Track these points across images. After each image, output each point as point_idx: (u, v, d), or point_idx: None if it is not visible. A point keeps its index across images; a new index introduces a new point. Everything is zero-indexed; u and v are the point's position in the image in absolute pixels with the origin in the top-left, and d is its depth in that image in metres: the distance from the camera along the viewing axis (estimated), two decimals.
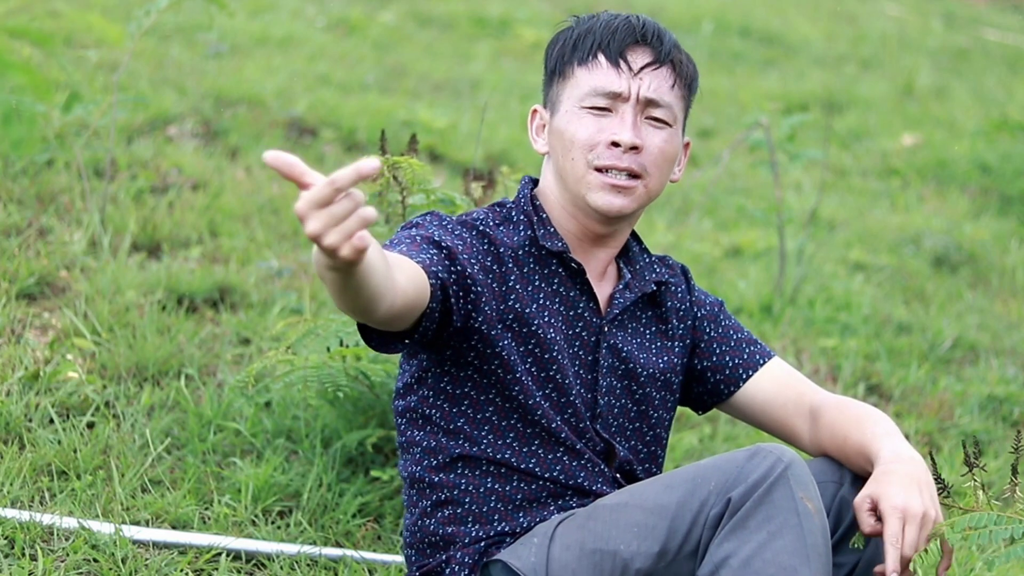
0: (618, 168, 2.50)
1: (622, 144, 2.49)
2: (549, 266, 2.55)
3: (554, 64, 2.58)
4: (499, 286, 2.49)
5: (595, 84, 2.51)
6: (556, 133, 2.55)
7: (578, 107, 2.52)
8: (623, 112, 2.50)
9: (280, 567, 2.91)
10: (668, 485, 2.38)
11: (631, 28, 2.53)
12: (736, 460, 2.34)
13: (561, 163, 2.54)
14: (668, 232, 5.75)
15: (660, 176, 2.54)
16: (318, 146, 5.90)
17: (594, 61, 2.52)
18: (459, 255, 2.42)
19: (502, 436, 2.51)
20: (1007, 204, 6.89)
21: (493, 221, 2.55)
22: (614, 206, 2.51)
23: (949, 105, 8.69)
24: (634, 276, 2.63)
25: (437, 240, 2.42)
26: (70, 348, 3.61)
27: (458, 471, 2.52)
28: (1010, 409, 4.45)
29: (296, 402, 3.43)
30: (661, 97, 2.52)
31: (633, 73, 2.51)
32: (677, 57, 2.55)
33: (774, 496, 2.29)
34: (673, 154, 2.56)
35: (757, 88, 8.49)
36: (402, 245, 2.40)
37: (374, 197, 3.17)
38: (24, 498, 2.99)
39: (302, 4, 8.50)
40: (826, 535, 2.32)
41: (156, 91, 5.87)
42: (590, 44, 2.53)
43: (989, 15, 12.15)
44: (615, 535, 2.38)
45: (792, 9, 11.18)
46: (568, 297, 2.55)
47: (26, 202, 4.44)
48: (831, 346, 4.70)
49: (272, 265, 4.41)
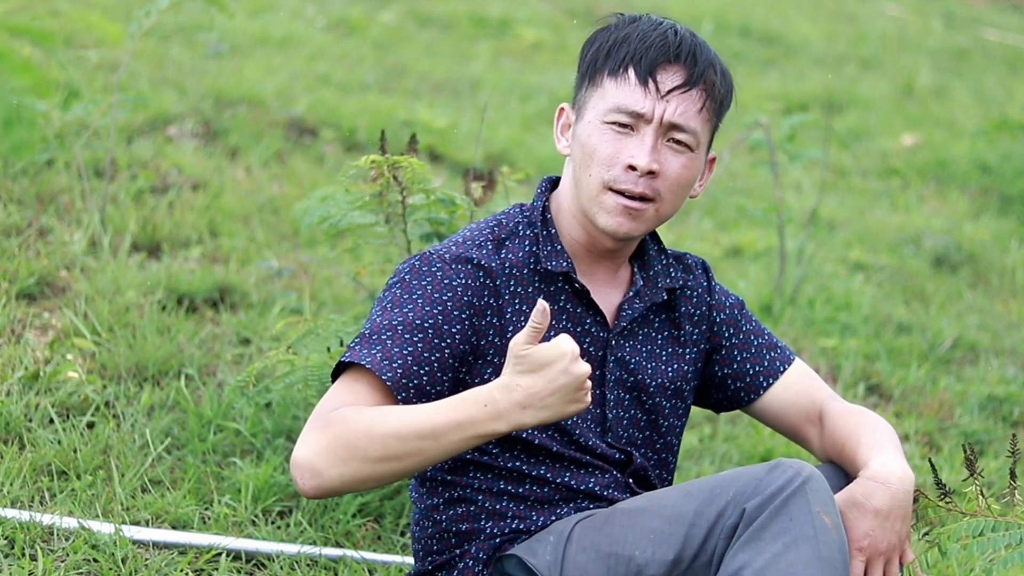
0: (632, 193, 2.46)
1: (638, 168, 2.45)
2: (555, 283, 2.52)
3: (587, 67, 2.52)
4: (497, 320, 2.46)
5: (620, 101, 2.46)
6: (578, 141, 2.51)
7: (601, 121, 2.47)
8: (644, 134, 2.46)
9: (280, 567, 2.91)
10: (687, 493, 2.37)
11: (666, 45, 2.46)
12: (756, 473, 2.33)
13: (579, 174, 2.50)
14: (668, 232, 5.75)
15: (674, 200, 2.50)
16: (318, 146, 5.90)
17: (623, 75, 2.46)
18: (451, 347, 2.39)
19: (509, 449, 2.50)
20: (1007, 204, 6.89)
21: (495, 242, 2.51)
22: (622, 229, 2.48)
23: (949, 105, 8.69)
24: (646, 283, 2.60)
25: (430, 350, 2.38)
26: (70, 348, 3.61)
27: (470, 473, 2.51)
28: (1010, 409, 4.45)
29: (296, 402, 3.43)
30: (687, 122, 2.46)
31: (660, 95, 2.45)
32: (711, 78, 2.48)
33: (790, 508, 2.28)
34: (691, 179, 2.51)
35: (757, 88, 8.49)
36: (397, 362, 2.36)
37: (374, 197, 3.17)
38: (24, 498, 2.99)
39: (302, 4, 8.51)
40: (844, 550, 2.30)
41: (156, 91, 5.87)
42: (623, 56, 2.46)
43: (989, 15, 12.15)
44: (631, 540, 2.37)
45: (792, 9, 11.18)
46: (575, 314, 2.53)
47: (26, 202, 4.44)
48: (831, 346, 4.70)
49: (272, 265, 4.41)
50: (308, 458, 2.25)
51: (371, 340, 2.38)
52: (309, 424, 2.29)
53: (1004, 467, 3.98)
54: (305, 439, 2.27)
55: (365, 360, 2.35)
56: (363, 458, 2.25)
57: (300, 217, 3.35)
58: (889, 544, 2.40)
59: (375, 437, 2.25)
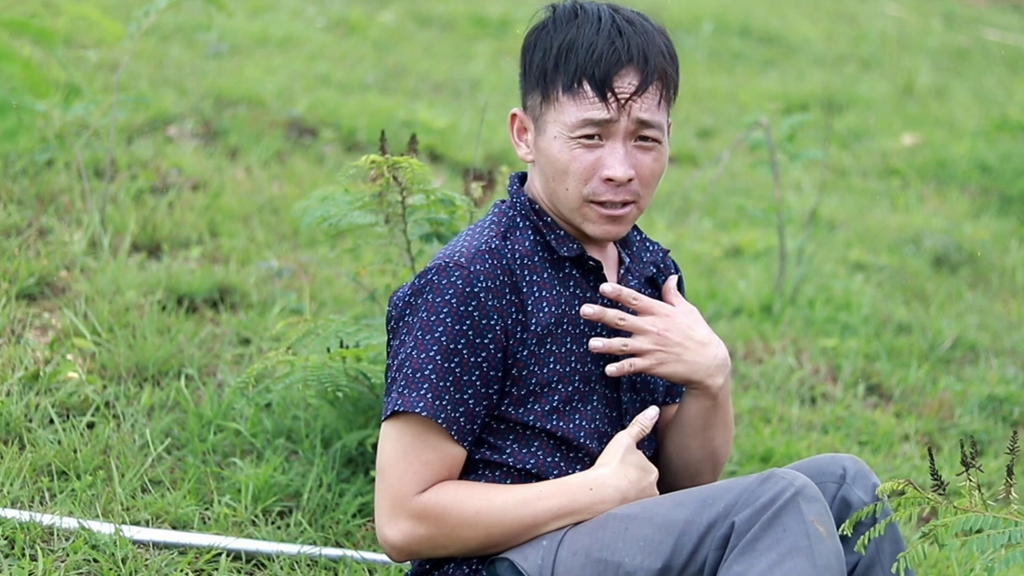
0: (614, 202, 2.48)
1: (616, 180, 2.46)
2: (563, 269, 2.54)
3: (536, 76, 2.50)
4: (521, 315, 2.47)
5: (583, 116, 2.45)
6: (544, 154, 2.51)
7: (568, 137, 2.47)
8: (614, 144, 2.46)
9: (280, 567, 2.91)
10: (678, 503, 2.38)
11: (615, 51, 2.44)
12: (748, 484, 2.33)
13: (553, 185, 2.51)
14: (668, 232, 5.75)
15: (651, 193, 2.53)
16: (318, 146, 5.90)
17: (580, 90, 2.45)
18: (488, 359, 2.44)
19: (527, 445, 2.49)
20: (1007, 204, 6.89)
21: (500, 237, 2.51)
22: (610, 235, 2.52)
23: (949, 105, 8.69)
24: (632, 259, 2.64)
25: (469, 371, 2.43)
26: (70, 348, 3.61)
27: (477, 472, 2.51)
28: (1010, 409, 4.45)
29: (296, 402, 3.43)
30: (651, 119, 2.47)
31: (621, 104, 2.45)
32: (662, 69, 2.48)
33: (784, 519, 2.28)
34: (662, 170, 2.53)
35: (757, 88, 8.49)
36: (445, 398, 2.43)
37: (374, 197, 3.17)
38: (24, 498, 2.99)
39: (302, 4, 8.51)
40: (840, 559, 2.30)
41: (156, 91, 5.87)
42: (574, 70, 2.45)
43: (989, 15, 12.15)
44: (621, 547, 2.37)
45: (792, 9, 11.18)
46: (585, 299, 2.54)
47: (26, 202, 4.44)
48: (831, 346, 4.70)
49: (272, 265, 4.41)
50: (405, 544, 2.42)
51: (416, 380, 2.42)
52: (394, 506, 2.42)
53: (1004, 467, 3.98)
54: (397, 523, 2.42)
55: (419, 408, 2.41)
56: (463, 547, 2.44)
57: (299, 217, 3.35)
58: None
59: (479, 527, 2.42)
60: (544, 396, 2.48)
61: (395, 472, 2.42)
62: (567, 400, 2.49)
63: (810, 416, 4.20)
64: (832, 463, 2.54)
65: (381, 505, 2.43)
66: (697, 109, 7.94)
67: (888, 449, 4.08)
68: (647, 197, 2.52)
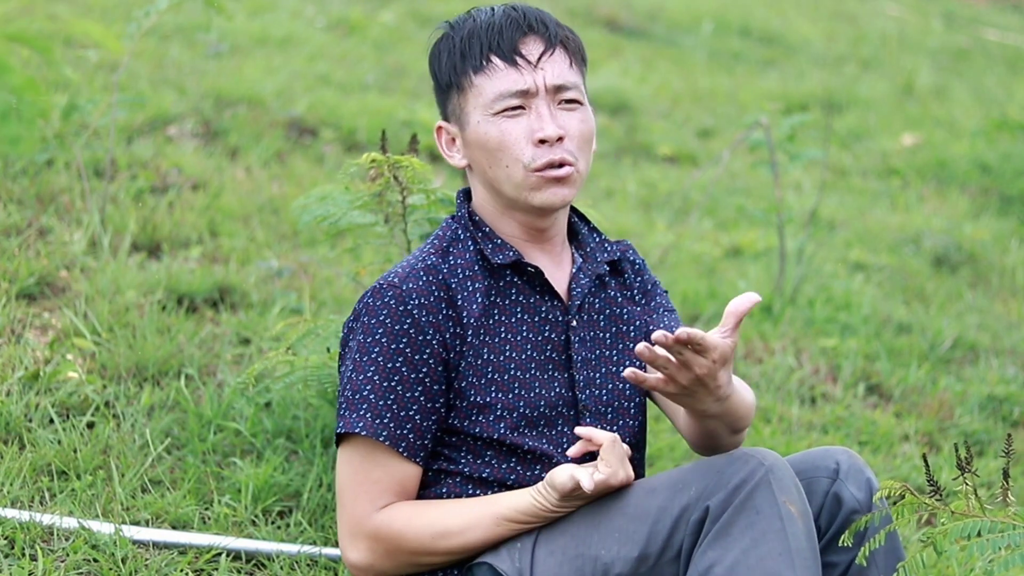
0: (553, 162, 2.50)
1: (548, 139, 2.49)
2: (504, 278, 2.55)
3: (447, 78, 2.55)
4: (459, 329, 2.50)
5: (499, 88, 2.50)
6: (475, 145, 2.53)
7: (490, 115, 2.50)
8: (537, 107, 2.50)
9: (280, 567, 2.91)
10: (650, 490, 2.39)
11: (515, 22, 2.51)
12: (716, 465, 2.34)
13: (492, 173, 2.53)
14: (668, 232, 5.75)
15: (586, 157, 2.55)
16: (318, 146, 5.90)
17: (490, 65, 2.50)
18: (429, 373, 2.47)
19: (480, 456, 2.52)
20: (1007, 204, 6.89)
21: (438, 253, 2.54)
22: (557, 198, 2.51)
23: (949, 105, 8.69)
24: (585, 259, 2.63)
25: (411, 388, 2.46)
26: (70, 348, 3.61)
27: (440, 480, 2.54)
28: (1010, 409, 4.45)
29: (296, 402, 3.43)
30: (567, 80, 2.52)
31: (533, 66, 2.50)
32: (564, 35, 2.55)
33: (756, 501, 2.29)
34: (591, 131, 2.55)
35: (757, 88, 8.49)
36: (386, 416, 2.46)
37: (374, 197, 3.17)
38: (24, 498, 2.99)
39: (302, 4, 8.50)
40: (812, 538, 2.32)
41: (156, 91, 5.87)
42: (479, 49, 2.51)
43: (989, 15, 12.15)
44: (596, 540, 2.39)
45: (792, 9, 11.18)
46: (529, 304, 2.55)
47: (26, 202, 4.44)
48: (831, 346, 4.70)
49: (272, 265, 4.41)
50: (368, 564, 2.48)
51: (356, 401, 2.46)
52: (352, 528, 2.47)
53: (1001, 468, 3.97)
54: (356, 545, 2.47)
55: (358, 428, 2.45)
56: (429, 567, 2.49)
57: (297, 215, 3.35)
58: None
59: (438, 552, 2.46)
60: (489, 407, 2.49)
61: (348, 494, 2.48)
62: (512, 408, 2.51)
63: (810, 416, 4.20)
64: (826, 457, 2.54)
65: (341, 528, 2.49)
66: (697, 109, 7.93)
67: (888, 449, 4.08)
68: (583, 160, 2.53)
